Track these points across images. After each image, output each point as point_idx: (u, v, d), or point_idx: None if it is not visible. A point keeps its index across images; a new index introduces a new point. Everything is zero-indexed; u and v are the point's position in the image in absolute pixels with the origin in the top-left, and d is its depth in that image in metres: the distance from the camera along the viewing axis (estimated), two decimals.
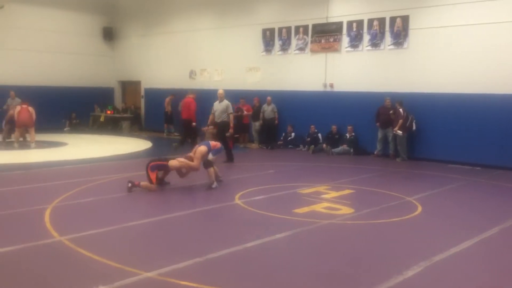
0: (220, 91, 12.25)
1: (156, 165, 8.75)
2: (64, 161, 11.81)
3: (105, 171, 10.69)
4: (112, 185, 9.31)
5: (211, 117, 12.23)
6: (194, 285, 4.44)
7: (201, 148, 8.88)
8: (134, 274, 4.64)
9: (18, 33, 18.45)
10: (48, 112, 17.05)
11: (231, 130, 11.96)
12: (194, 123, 14.06)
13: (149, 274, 4.64)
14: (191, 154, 8.97)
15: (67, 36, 19.86)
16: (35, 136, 14.43)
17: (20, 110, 14.24)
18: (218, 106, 12.07)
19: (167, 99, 18.25)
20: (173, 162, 8.76)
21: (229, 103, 12.10)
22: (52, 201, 7.53)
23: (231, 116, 12.04)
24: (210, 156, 8.91)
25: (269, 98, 15.56)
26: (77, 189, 8.54)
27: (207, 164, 8.89)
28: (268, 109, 15.56)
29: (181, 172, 9.00)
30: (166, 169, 8.84)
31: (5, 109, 15.28)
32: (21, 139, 14.53)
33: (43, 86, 18.54)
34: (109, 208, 7.60)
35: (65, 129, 19.28)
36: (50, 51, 19.33)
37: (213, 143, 9.10)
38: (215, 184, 8.87)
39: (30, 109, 14.41)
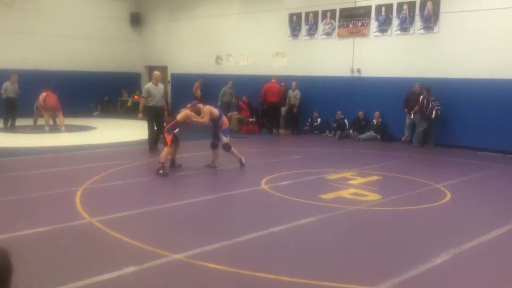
0: (157, 73, 11.35)
1: (170, 126, 8.89)
2: (93, 144, 12.02)
3: (133, 155, 10.84)
4: (140, 169, 9.45)
5: (143, 101, 11.11)
6: (221, 267, 4.49)
7: (212, 108, 9.08)
8: (162, 255, 4.72)
9: (48, 18, 18.72)
10: (77, 97, 17.38)
11: (139, 115, 11.23)
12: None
13: (177, 256, 4.71)
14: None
15: (95, 22, 20.07)
16: (63, 120, 14.75)
17: (46, 96, 14.61)
18: (157, 90, 11.04)
19: (196, 84, 18.30)
20: (180, 116, 8.92)
21: (145, 86, 11.27)
22: (82, 183, 7.69)
23: (141, 100, 11.19)
24: (225, 139, 9.05)
25: (294, 83, 15.44)
26: (106, 172, 8.69)
27: (226, 147, 9.05)
28: (293, 95, 15.45)
29: (186, 123, 9.07)
30: (178, 125, 8.99)
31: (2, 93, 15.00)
32: (51, 123, 14.85)
33: (72, 71, 18.84)
34: (138, 191, 7.72)
35: (94, 113, 19.59)
36: (79, 37, 19.58)
37: (225, 119, 9.22)
38: (243, 159, 9.14)
39: (51, 93, 14.82)
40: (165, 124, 9.32)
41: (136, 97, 20.76)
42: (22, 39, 18.07)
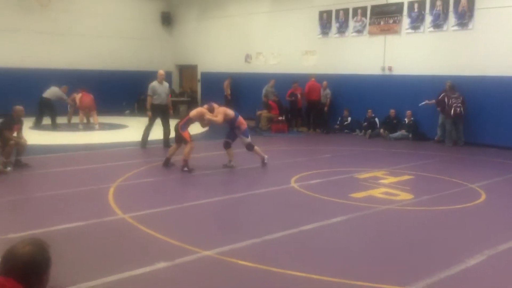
0: (161, 71, 11.51)
1: (184, 123, 8.97)
2: (125, 142, 12.22)
3: (165, 152, 10.95)
4: (170, 167, 9.54)
5: (150, 99, 11.25)
6: (251, 264, 4.51)
7: (226, 109, 9.21)
8: (193, 252, 4.77)
9: (82, 18, 19.10)
10: (109, 96, 17.66)
11: (148, 113, 11.33)
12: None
13: (208, 253, 4.75)
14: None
15: (127, 21, 20.38)
16: (97, 119, 15.08)
17: (82, 96, 15.02)
18: (162, 88, 11.28)
19: (226, 82, 18.38)
20: (193, 113, 9.07)
21: (150, 84, 11.34)
22: (115, 180, 7.83)
23: (148, 99, 11.32)
24: (246, 139, 9.15)
25: (325, 82, 15.33)
26: (138, 170, 8.83)
27: (249, 147, 9.12)
28: (324, 94, 15.34)
29: (203, 122, 9.18)
30: (191, 122, 9.07)
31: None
32: (85, 121, 15.19)
33: (104, 70, 19.18)
34: (169, 188, 7.81)
35: (126, 112, 19.90)
36: (111, 36, 19.91)
37: (241, 119, 9.20)
38: (266, 158, 9.15)
39: (86, 93, 15.23)
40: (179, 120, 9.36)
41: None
42: (56, 39, 18.49)
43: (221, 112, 9.02)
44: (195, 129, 15.60)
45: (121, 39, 20.18)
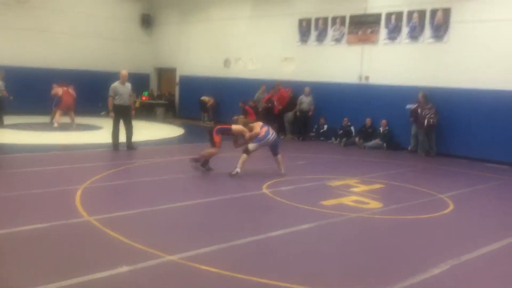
0: (124, 72, 11.36)
1: (221, 128, 9.12)
2: (98, 144, 12.05)
3: (138, 155, 10.86)
4: (142, 169, 9.46)
5: (111, 100, 11.13)
6: (215, 270, 4.46)
7: (260, 123, 9.21)
8: (157, 256, 4.70)
9: (60, 17, 18.85)
10: (84, 96, 17.37)
11: (111, 114, 11.22)
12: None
13: (172, 257, 4.69)
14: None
15: (106, 21, 20.19)
16: (75, 118, 14.91)
17: (64, 92, 14.82)
18: (124, 89, 11.17)
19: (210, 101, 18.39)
20: (236, 127, 9.18)
21: (112, 85, 11.24)
22: (84, 182, 7.70)
23: (109, 100, 11.20)
24: (250, 145, 8.95)
25: (307, 88, 15.30)
26: (109, 172, 8.71)
27: (244, 149, 8.99)
28: (306, 101, 15.31)
29: (237, 140, 9.28)
30: (228, 132, 9.13)
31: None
32: (63, 121, 14.96)
33: (81, 70, 18.92)
34: (139, 191, 7.71)
35: (102, 113, 19.65)
36: (89, 36, 19.68)
37: (262, 130, 9.06)
38: (236, 171, 8.79)
39: (71, 90, 15.02)
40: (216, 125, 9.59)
41: (143, 98, 20.87)
42: (34, 36, 18.21)
43: (256, 128, 9.10)
44: (170, 132, 15.58)
45: (99, 39, 19.97)
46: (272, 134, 9.11)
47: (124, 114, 11.23)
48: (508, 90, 11.73)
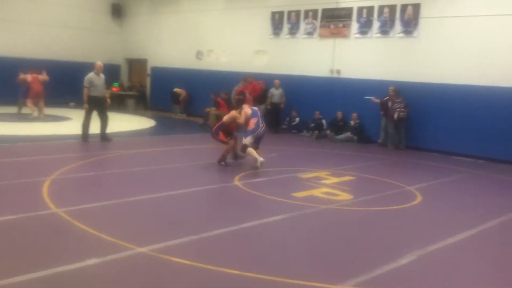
0: (99, 63, 11.37)
1: (217, 127, 9.10)
2: (66, 135, 11.81)
3: (107, 147, 10.71)
4: (112, 161, 9.34)
5: (86, 91, 10.97)
6: (186, 262, 4.44)
7: (248, 109, 9.13)
8: (127, 248, 4.65)
9: (28, 6, 18.35)
10: (53, 87, 16.98)
11: (85, 105, 11.04)
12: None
13: (142, 249, 4.65)
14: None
15: (76, 11, 19.73)
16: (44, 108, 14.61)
17: (33, 79, 14.46)
18: (99, 80, 11.17)
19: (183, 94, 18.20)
20: (226, 118, 9.18)
21: (87, 76, 11.12)
22: (51, 173, 7.55)
23: (84, 90, 11.01)
24: (244, 139, 8.89)
25: (277, 81, 15.37)
26: (77, 163, 8.56)
27: (243, 148, 8.88)
28: (277, 93, 15.35)
29: (235, 126, 9.33)
30: (224, 126, 9.08)
31: None
32: (36, 111, 14.60)
33: (50, 60, 18.43)
34: (108, 183, 7.61)
35: (71, 104, 19.25)
36: (58, 25, 19.21)
37: (252, 121, 8.99)
38: (259, 161, 8.71)
39: (41, 77, 14.66)
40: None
41: (114, 89, 20.52)
42: (1, 26, 17.66)
43: (244, 112, 9.08)
44: (141, 123, 15.39)
45: (69, 29, 19.50)
46: (261, 128, 9.12)
47: (99, 106, 11.10)
48: (475, 85, 12.01)
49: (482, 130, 11.94)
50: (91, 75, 11.06)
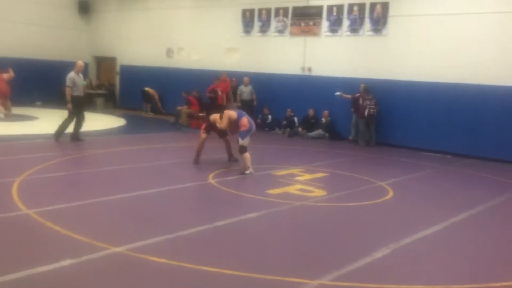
0: (80, 62, 11.13)
1: (206, 126, 9.17)
2: (34, 135, 11.52)
3: (77, 146, 10.49)
4: (83, 161, 9.17)
5: (69, 91, 10.70)
6: (163, 261, 4.40)
7: (231, 112, 8.97)
8: (102, 248, 4.58)
9: None
10: (19, 86, 16.55)
11: (68, 105, 10.77)
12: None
13: (118, 249, 4.58)
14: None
15: (42, 8, 19.24)
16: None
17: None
18: (80, 80, 10.95)
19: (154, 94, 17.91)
20: (212, 117, 9.15)
21: (69, 75, 10.79)
22: (20, 174, 7.35)
23: (67, 90, 10.72)
24: (240, 141, 8.62)
25: (246, 78, 15.39)
26: (47, 163, 8.35)
27: (241, 149, 8.63)
28: (246, 90, 15.41)
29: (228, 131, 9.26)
30: (211, 127, 9.09)
31: None
32: (3, 111, 14.19)
33: (14, 58, 17.92)
34: (80, 183, 7.46)
35: (37, 103, 18.79)
36: (23, 22, 18.70)
37: (243, 120, 8.80)
38: (249, 170, 8.45)
39: (6, 76, 14.29)
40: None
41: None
42: None
43: (226, 116, 8.83)
44: (111, 122, 15.15)
45: (34, 26, 19.01)
46: (254, 124, 9.07)
47: (80, 105, 10.94)
48: (441, 82, 12.32)
49: (449, 126, 12.26)
50: (72, 74, 10.80)
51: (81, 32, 20.79)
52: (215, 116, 9.11)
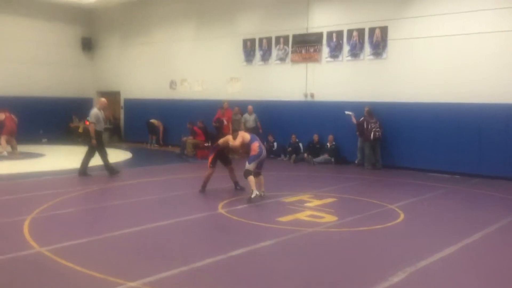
0: (104, 99, 11.75)
1: (213, 147, 9.53)
2: (41, 172, 11.58)
3: (84, 182, 10.52)
4: (91, 196, 9.17)
5: (93, 127, 11.02)
6: None
7: (245, 134, 9.11)
8: (117, 284, 4.54)
9: None
10: (25, 123, 16.73)
11: (93, 141, 11.02)
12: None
13: (133, 284, 4.55)
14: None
15: (45, 46, 19.61)
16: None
17: (7, 118, 14.26)
18: (102, 116, 11.33)
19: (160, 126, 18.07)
20: (220, 141, 9.37)
21: (92, 111, 11.23)
22: (31, 212, 7.35)
23: (91, 126, 11.08)
24: (247, 165, 8.73)
25: (250, 107, 15.49)
26: (56, 200, 8.36)
27: (245, 173, 8.68)
28: (251, 119, 15.47)
29: (237, 151, 9.68)
30: (218, 147, 9.29)
31: None
32: (8, 149, 14.33)
33: (20, 97, 18.20)
34: (90, 218, 7.45)
35: (43, 140, 18.93)
36: (28, 61, 19.04)
37: (254, 145, 8.84)
38: (254, 194, 8.44)
39: (13, 116, 14.53)
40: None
41: (87, 122, 20.28)
42: None
43: (240, 136, 9.00)
44: (117, 156, 15.21)
45: (39, 64, 19.36)
46: (264, 150, 9.04)
47: (101, 139, 11.33)
48: (444, 102, 12.38)
49: (455, 146, 12.25)
50: (96, 111, 11.21)
51: (85, 68, 21.12)
52: (226, 138, 9.30)
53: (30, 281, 4.70)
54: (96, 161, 11.31)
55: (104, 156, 11.25)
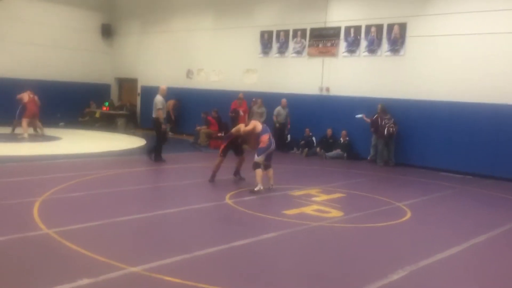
0: (164, 87, 12.01)
1: (226, 136, 9.65)
2: (57, 155, 11.78)
3: (98, 166, 10.69)
4: (103, 181, 9.31)
5: (161, 113, 11.48)
6: (179, 281, 4.45)
7: (258, 123, 9.08)
8: (119, 268, 4.65)
9: (17, 26, 18.41)
10: (42, 106, 17.00)
11: (163, 126, 11.56)
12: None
13: (134, 269, 4.65)
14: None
15: (66, 31, 19.84)
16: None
17: (29, 100, 14.54)
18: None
19: (171, 104, 17.88)
20: (233, 130, 9.49)
21: (158, 98, 11.53)
22: (42, 194, 7.52)
23: (159, 112, 11.41)
24: (256, 157, 8.78)
25: (284, 100, 15.06)
26: (68, 183, 8.53)
27: (254, 165, 8.76)
28: (284, 113, 15.04)
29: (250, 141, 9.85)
30: (231, 136, 9.40)
31: None
32: (30, 132, 14.65)
33: (40, 80, 18.44)
34: (100, 203, 7.59)
35: (60, 124, 19.22)
36: (48, 45, 19.29)
37: (264, 137, 8.88)
38: (258, 187, 8.54)
39: (36, 98, 14.92)
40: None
41: (104, 108, 20.54)
42: None
43: (252, 123, 9.09)
44: (131, 142, 15.39)
45: (59, 49, 19.58)
46: (273, 143, 9.07)
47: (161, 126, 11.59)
48: (460, 101, 12.23)
49: (469, 146, 12.11)
50: (161, 98, 11.44)
51: (104, 55, 21.32)
52: (239, 126, 9.42)
53: (34, 261, 4.83)
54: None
55: (160, 142, 11.49)
